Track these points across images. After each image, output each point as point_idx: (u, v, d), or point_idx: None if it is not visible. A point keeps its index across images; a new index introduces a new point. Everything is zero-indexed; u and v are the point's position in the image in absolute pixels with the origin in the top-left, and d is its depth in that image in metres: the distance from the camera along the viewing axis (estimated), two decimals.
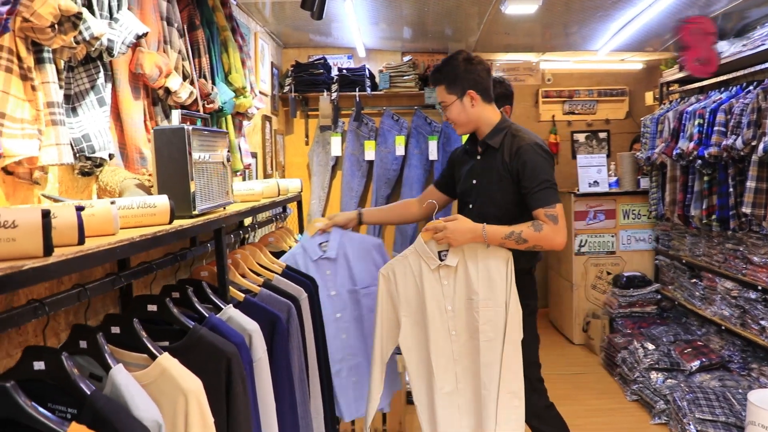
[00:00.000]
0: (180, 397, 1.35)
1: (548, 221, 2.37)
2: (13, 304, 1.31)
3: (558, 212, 2.38)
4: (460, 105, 2.53)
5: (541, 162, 2.42)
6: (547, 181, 2.40)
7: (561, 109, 6.69)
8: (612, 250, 5.35)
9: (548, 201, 2.38)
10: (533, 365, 2.60)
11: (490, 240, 2.39)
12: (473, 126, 2.59)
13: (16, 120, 1.44)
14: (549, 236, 2.37)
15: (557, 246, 2.40)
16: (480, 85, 2.52)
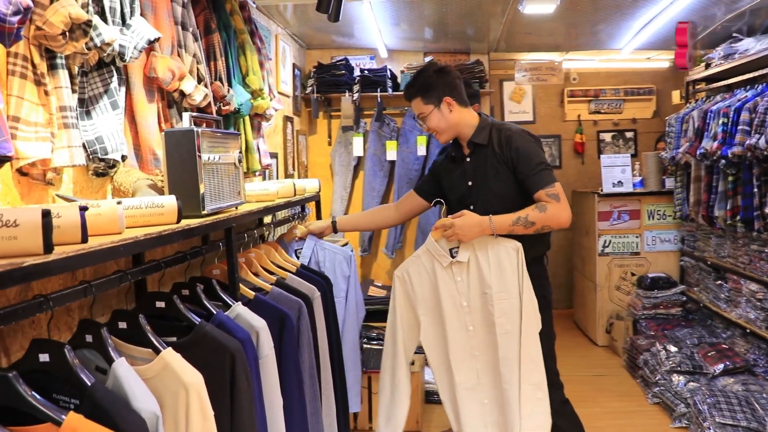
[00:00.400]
0: (181, 390, 1.40)
1: (551, 200, 2.42)
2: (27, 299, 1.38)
3: (558, 191, 2.45)
4: (438, 113, 2.60)
5: (532, 146, 2.51)
6: (542, 163, 2.49)
7: (587, 109, 6.64)
8: (636, 251, 5.30)
9: (547, 181, 2.45)
10: (550, 359, 2.61)
11: (498, 230, 2.44)
12: (454, 132, 2.64)
13: (30, 123, 1.50)
14: (555, 214, 2.42)
15: (564, 223, 2.45)
16: (454, 90, 2.60)
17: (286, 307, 2.22)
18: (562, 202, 2.44)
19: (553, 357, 2.68)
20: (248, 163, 3.01)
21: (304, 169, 4.98)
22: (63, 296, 1.27)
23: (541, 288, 2.59)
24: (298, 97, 4.72)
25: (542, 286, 2.60)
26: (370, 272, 5.35)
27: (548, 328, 2.62)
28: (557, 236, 6.66)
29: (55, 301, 1.22)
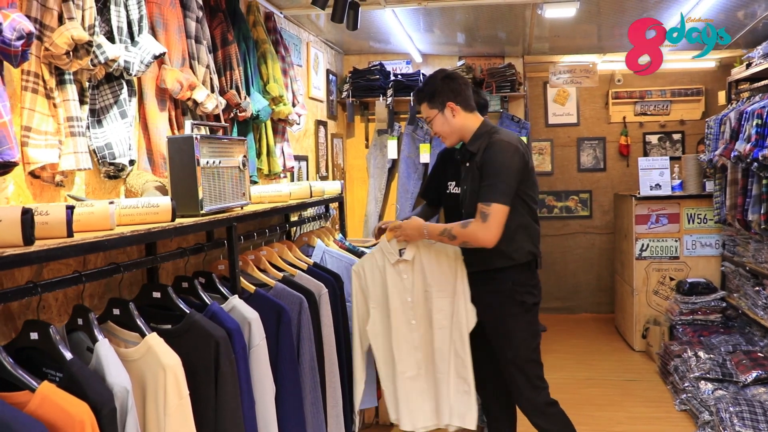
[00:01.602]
0: (160, 371, 1.57)
1: (479, 218, 2.49)
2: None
3: (491, 211, 2.48)
4: (442, 117, 2.71)
5: (500, 159, 2.53)
6: (497, 177, 2.52)
7: (632, 110, 6.56)
8: (675, 255, 5.21)
9: (487, 197, 2.50)
10: (531, 362, 2.66)
11: (430, 236, 2.64)
12: (458, 136, 2.74)
13: (41, 132, 1.70)
14: (473, 233, 2.51)
15: (482, 243, 2.50)
16: (459, 96, 2.69)
17: (286, 301, 2.37)
18: (488, 223, 2.47)
19: (536, 360, 2.71)
20: (269, 166, 3.19)
21: (340, 171, 5.15)
22: (52, 284, 1.45)
23: (522, 294, 2.65)
24: (333, 101, 4.89)
25: (522, 293, 2.66)
26: None
27: (529, 331, 2.68)
28: (600, 239, 6.63)
29: (43, 288, 1.40)
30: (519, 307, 2.63)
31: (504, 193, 2.50)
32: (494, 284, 2.68)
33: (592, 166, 6.71)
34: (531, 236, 2.67)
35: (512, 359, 2.67)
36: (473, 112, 2.74)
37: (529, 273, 2.69)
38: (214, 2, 2.67)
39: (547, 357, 5.17)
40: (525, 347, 2.66)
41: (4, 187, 1.65)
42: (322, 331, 2.60)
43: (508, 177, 2.52)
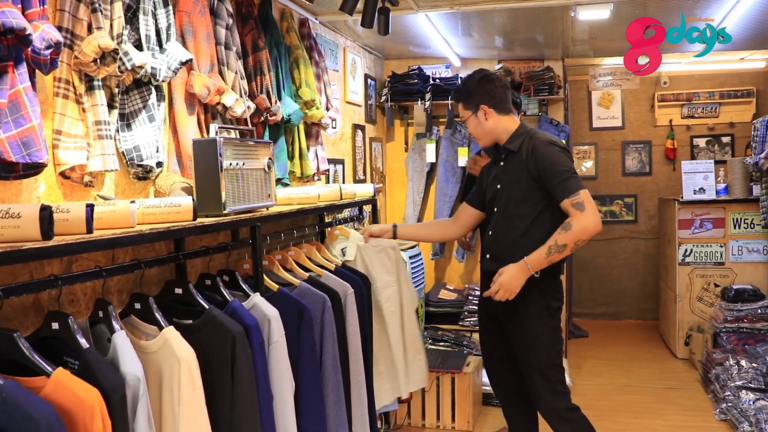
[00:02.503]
0: (175, 363, 1.64)
1: (575, 211, 2.48)
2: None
3: (583, 198, 2.49)
4: (475, 119, 2.73)
5: (555, 155, 2.56)
6: (565, 171, 2.53)
7: (679, 113, 6.41)
8: (720, 261, 5.07)
9: (572, 189, 2.50)
10: (554, 367, 2.65)
11: (535, 267, 2.55)
12: (491, 138, 2.76)
13: (71, 135, 1.81)
14: (581, 228, 2.48)
15: (593, 230, 2.49)
16: (493, 99, 2.69)
17: (309, 300, 2.43)
18: (587, 210, 2.48)
19: (559, 365, 2.70)
20: (302, 169, 3.27)
21: (379, 175, 5.20)
22: (73, 277, 1.54)
23: (548, 299, 2.65)
24: (372, 105, 4.95)
25: (548, 297, 2.66)
26: (444, 275, 5.47)
27: (553, 336, 2.67)
28: (645, 244, 6.49)
29: (64, 281, 1.49)
30: (544, 311, 2.63)
31: (578, 180, 2.54)
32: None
33: (638, 170, 6.59)
34: None
35: (535, 364, 2.66)
36: (509, 114, 2.74)
37: (553, 277, 2.68)
38: (245, 10, 2.76)
39: (586, 363, 5.16)
40: (548, 352, 2.65)
41: (36, 187, 1.76)
42: (347, 331, 2.65)
43: (570, 165, 2.56)
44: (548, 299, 2.63)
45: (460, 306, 4.91)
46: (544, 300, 2.62)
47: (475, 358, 4.14)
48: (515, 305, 2.66)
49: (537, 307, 2.65)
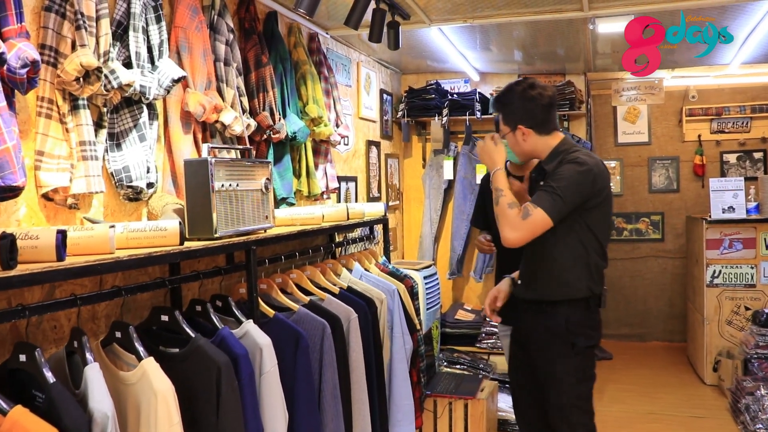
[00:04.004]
0: (152, 396, 1.56)
1: (520, 211, 2.32)
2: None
3: (533, 213, 2.29)
4: (513, 137, 2.54)
5: (566, 173, 2.34)
6: (552, 188, 2.32)
7: (708, 128, 6.21)
8: (752, 283, 4.86)
9: (537, 201, 2.32)
10: (576, 410, 2.44)
11: (494, 180, 2.47)
12: (529, 156, 2.58)
13: (54, 156, 1.75)
14: (507, 219, 2.34)
15: (505, 236, 2.33)
16: (533, 119, 2.47)
17: (307, 327, 2.33)
18: (524, 223, 2.29)
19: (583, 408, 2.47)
20: (309, 187, 3.18)
21: (395, 192, 5.10)
22: (45, 306, 1.47)
23: (575, 335, 2.42)
24: (388, 121, 4.87)
25: (575, 333, 2.42)
26: (462, 295, 5.34)
27: (577, 378, 2.43)
28: (673, 264, 6.28)
29: (31, 311, 1.42)
30: (569, 349, 2.41)
31: (554, 207, 2.29)
32: (545, 319, 2.46)
33: (665, 187, 6.39)
34: (591, 271, 2.42)
35: (556, 403, 2.46)
36: (551, 134, 2.50)
37: (586, 312, 2.44)
38: (249, 25, 2.70)
39: (608, 387, 4.97)
40: (571, 393, 2.43)
41: (16, 210, 1.69)
42: (350, 358, 2.55)
43: (566, 191, 2.30)
44: (576, 336, 2.41)
45: (477, 327, 4.77)
46: (571, 336, 2.41)
47: (490, 383, 4.00)
48: (541, 337, 2.49)
49: (561, 342, 2.44)
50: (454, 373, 4.24)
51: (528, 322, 2.55)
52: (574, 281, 2.41)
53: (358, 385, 2.59)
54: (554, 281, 2.41)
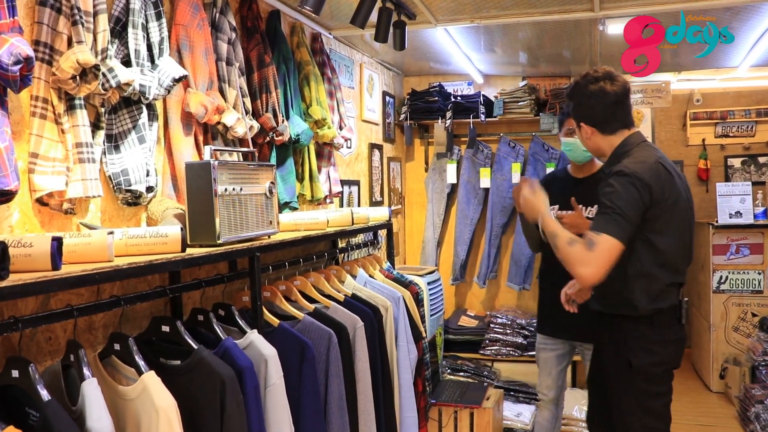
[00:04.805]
0: (153, 413, 1.47)
1: (585, 245, 2.11)
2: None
3: (599, 241, 2.08)
4: (579, 133, 2.45)
5: (614, 188, 2.17)
6: (608, 208, 2.14)
7: (713, 132, 6.14)
8: (759, 289, 4.78)
9: (597, 227, 2.13)
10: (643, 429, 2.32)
11: (544, 226, 2.28)
12: (598, 154, 2.46)
13: (49, 159, 1.66)
14: (573, 257, 2.13)
15: (577, 274, 2.12)
16: (595, 118, 2.33)
17: (313, 336, 2.25)
18: (592, 255, 2.08)
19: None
20: (312, 191, 3.10)
21: (398, 196, 5.02)
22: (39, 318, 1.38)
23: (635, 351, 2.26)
24: (390, 124, 4.79)
25: (634, 350, 2.27)
26: (465, 301, 5.26)
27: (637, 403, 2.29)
28: None
29: (24, 324, 1.33)
30: (627, 367, 2.26)
31: (618, 227, 2.10)
32: (609, 332, 2.36)
33: None
34: (650, 287, 2.23)
35: (619, 422, 2.34)
36: (616, 133, 2.34)
37: (649, 328, 2.26)
38: (251, 24, 2.62)
39: None
40: (631, 419, 2.30)
41: (8, 215, 1.60)
42: (356, 367, 2.46)
43: (624, 205, 2.12)
44: (635, 352, 2.26)
45: (481, 334, 4.69)
46: (629, 354, 2.26)
47: (495, 391, 3.91)
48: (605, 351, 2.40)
49: (620, 360, 2.30)
50: (458, 381, 4.16)
51: (598, 335, 2.47)
52: (631, 297, 2.24)
53: (364, 396, 2.50)
54: (615, 296, 2.28)
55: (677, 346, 2.35)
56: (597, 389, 2.55)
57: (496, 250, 4.96)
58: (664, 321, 2.28)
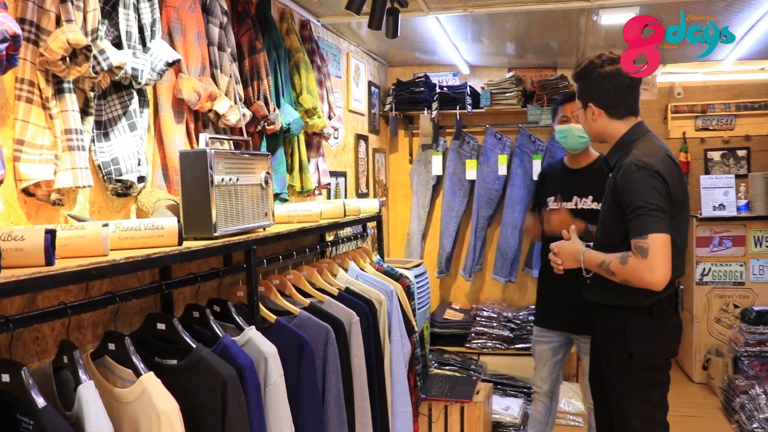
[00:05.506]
0: (154, 416, 1.38)
1: (636, 254, 2.07)
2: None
3: (649, 244, 2.04)
4: (583, 114, 2.40)
5: (634, 183, 2.12)
6: (640, 208, 2.09)
7: (693, 125, 6.17)
8: (740, 281, 4.82)
9: (639, 231, 2.07)
10: (641, 421, 2.28)
11: (587, 265, 2.27)
12: (600, 138, 2.42)
13: (36, 146, 1.55)
14: (634, 271, 2.08)
15: (647, 284, 2.06)
16: (605, 100, 2.31)
17: (311, 332, 2.17)
18: (650, 260, 2.03)
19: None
20: (302, 183, 3.01)
21: (382, 188, 4.94)
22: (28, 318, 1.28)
23: (634, 342, 2.26)
24: (375, 114, 4.70)
25: (634, 341, 2.26)
26: (449, 294, 5.21)
27: (636, 393, 2.27)
28: None
29: (15, 323, 1.23)
30: (627, 358, 2.25)
31: (658, 219, 2.06)
32: (606, 324, 2.34)
33: None
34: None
35: (618, 415, 2.32)
36: (623, 119, 2.32)
37: (648, 319, 2.25)
38: (242, 8, 2.52)
39: None
40: (629, 409, 2.28)
41: None
42: (351, 363, 2.39)
43: (653, 198, 2.08)
44: (634, 343, 2.25)
45: (467, 327, 4.64)
46: (628, 345, 2.25)
47: (485, 385, 3.87)
48: (603, 343, 2.38)
49: (619, 351, 2.28)
50: (446, 375, 4.11)
51: (595, 326, 2.44)
52: (632, 288, 2.18)
53: (360, 393, 2.43)
54: (614, 287, 2.24)
55: (675, 334, 2.35)
56: (597, 386, 2.52)
57: (482, 243, 4.92)
58: (663, 310, 2.27)
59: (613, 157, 2.34)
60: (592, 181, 3.05)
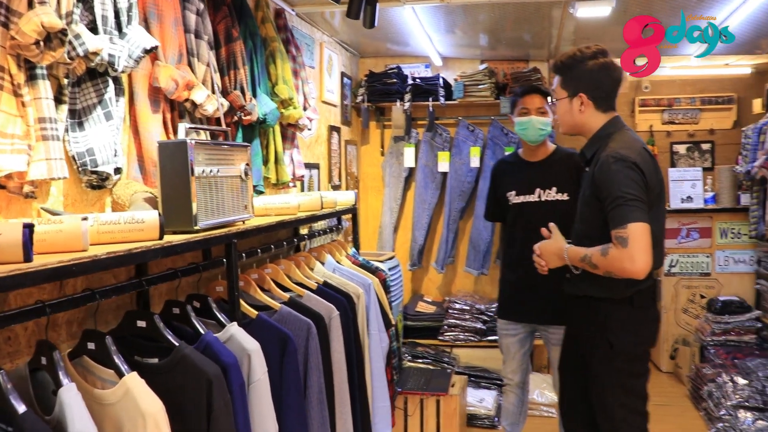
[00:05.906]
0: (139, 418, 1.32)
1: (617, 244, 2.08)
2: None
3: (629, 233, 2.04)
4: (568, 104, 2.36)
5: (613, 175, 2.13)
6: (618, 198, 2.10)
7: (659, 119, 6.25)
8: (707, 272, 4.92)
9: (619, 221, 2.08)
10: (621, 408, 2.30)
11: (571, 261, 2.29)
12: (577, 130, 2.40)
13: (7, 135, 1.47)
14: (615, 261, 2.09)
15: (630, 273, 2.07)
16: (597, 90, 2.30)
17: (292, 327, 2.12)
18: (630, 249, 2.03)
19: (628, 421, 2.34)
20: (277, 175, 2.95)
21: (354, 180, 4.90)
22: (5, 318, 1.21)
23: (615, 332, 2.27)
24: (347, 106, 4.65)
25: (615, 331, 2.27)
26: (421, 287, 5.20)
27: (618, 383, 2.29)
28: None
29: None
30: (608, 349, 2.26)
31: (636, 209, 2.06)
32: (588, 315, 2.34)
33: None
34: None
35: (600, 402, 2.33)
36: (606, 112, 2.33)
37: (630, 310, 2.27)
38: None
39: None
40: (612, 400, 2.29)
41: None
42: (332, 358, 2.35)
43: (631, 189, 2.09)
44: (616, 333, 2.26)
45: (439, 320, 4.64)
46: (610, 335, 2.26)
47: (460, 378, 3.87)
48: (585, 334, 2.38)
49: (600, 341, 2.29)
50: (420, 368, 4.10)
51: (575, 318, 2.45)
52: (613, 279, 2.19)
53: (341, 388, 2.40)
54: (593, 278, 2.24)
55: (654, 325, 2.39)
56: (571, 375, 2.53)
57: (454, 235, 4.92)
58: (644, 301, 2.29)
59: (590, 149, 2.35)
60: (553, 173, 3.07)
